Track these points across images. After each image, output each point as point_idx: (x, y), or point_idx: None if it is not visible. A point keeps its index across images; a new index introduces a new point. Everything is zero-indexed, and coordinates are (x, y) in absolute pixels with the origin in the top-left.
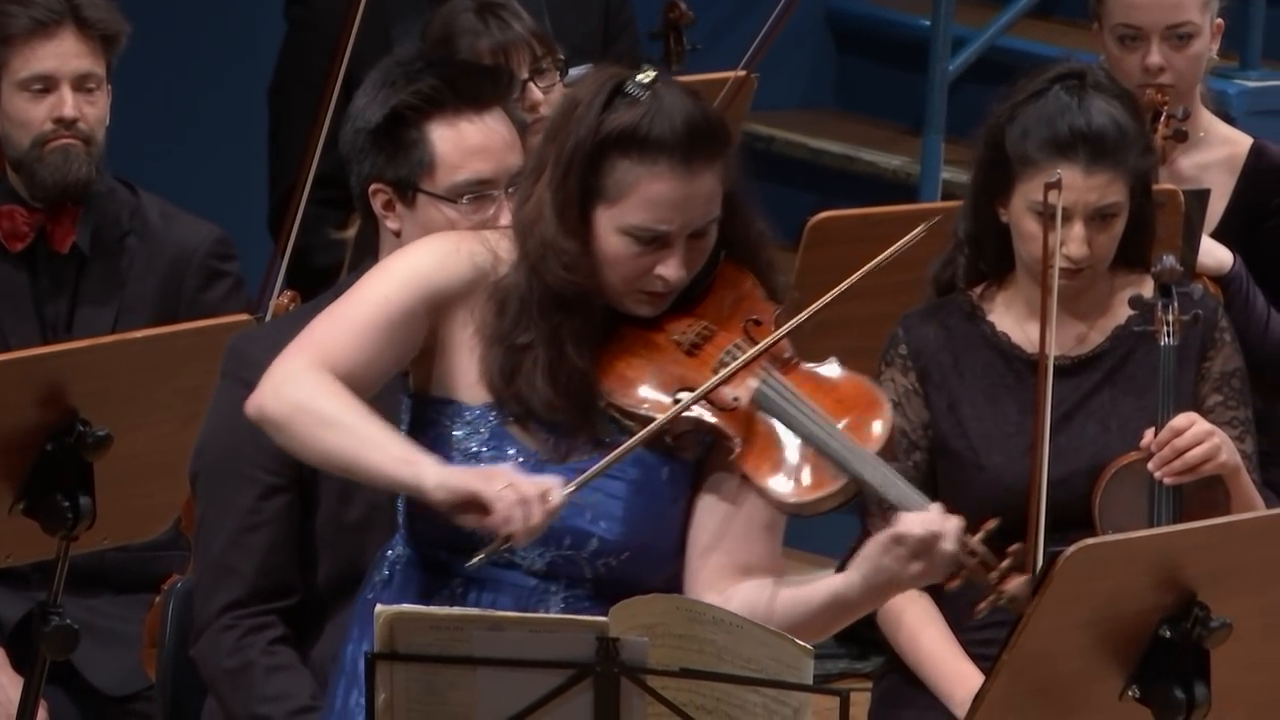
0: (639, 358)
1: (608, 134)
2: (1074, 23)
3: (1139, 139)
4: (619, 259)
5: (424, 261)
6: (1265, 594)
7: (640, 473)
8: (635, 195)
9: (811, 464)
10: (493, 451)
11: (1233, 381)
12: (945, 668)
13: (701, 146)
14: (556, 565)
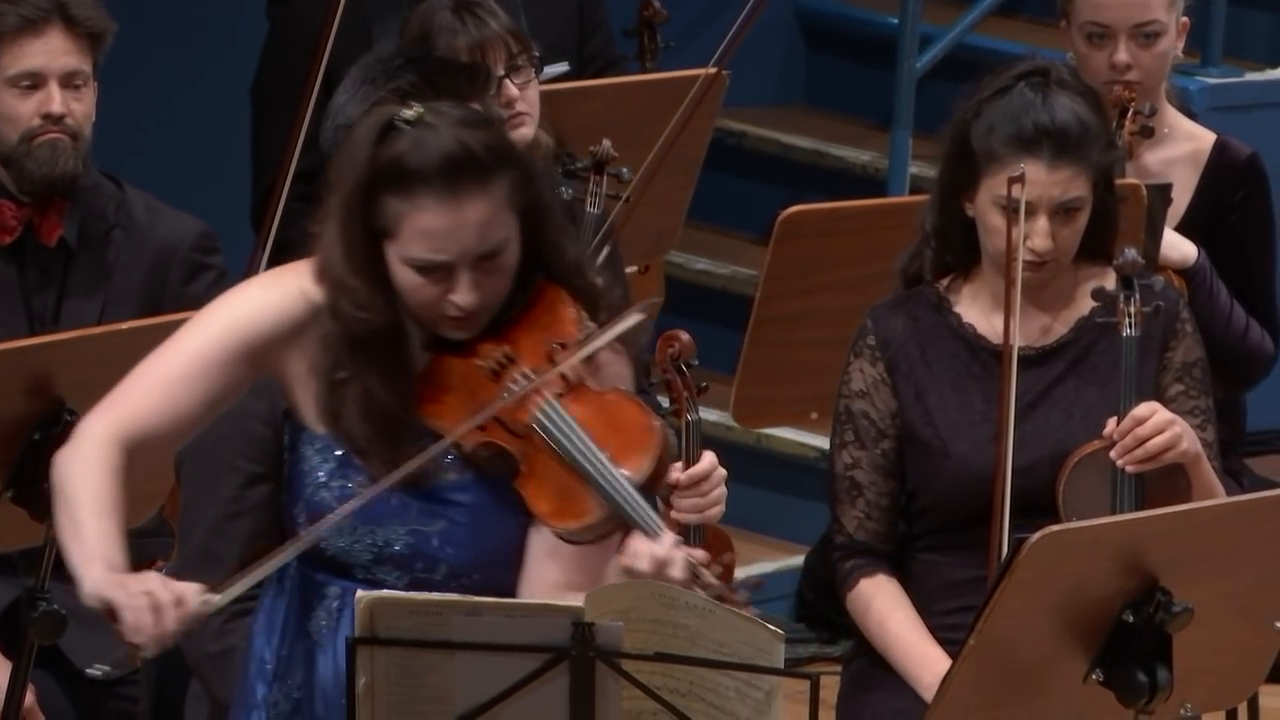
0: (452, 382)
1: (375, 171)
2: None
3: (1102, 134)
4: (411, 289)
5: (241, 309)
6: (1226, 579)
7: (479, 496)
8: (407, 229)
9: (575, 493)
10: (340, 480)
11: (1194, 372)
12: (913, 652)
13: (464, 175)
14: (418, 586)
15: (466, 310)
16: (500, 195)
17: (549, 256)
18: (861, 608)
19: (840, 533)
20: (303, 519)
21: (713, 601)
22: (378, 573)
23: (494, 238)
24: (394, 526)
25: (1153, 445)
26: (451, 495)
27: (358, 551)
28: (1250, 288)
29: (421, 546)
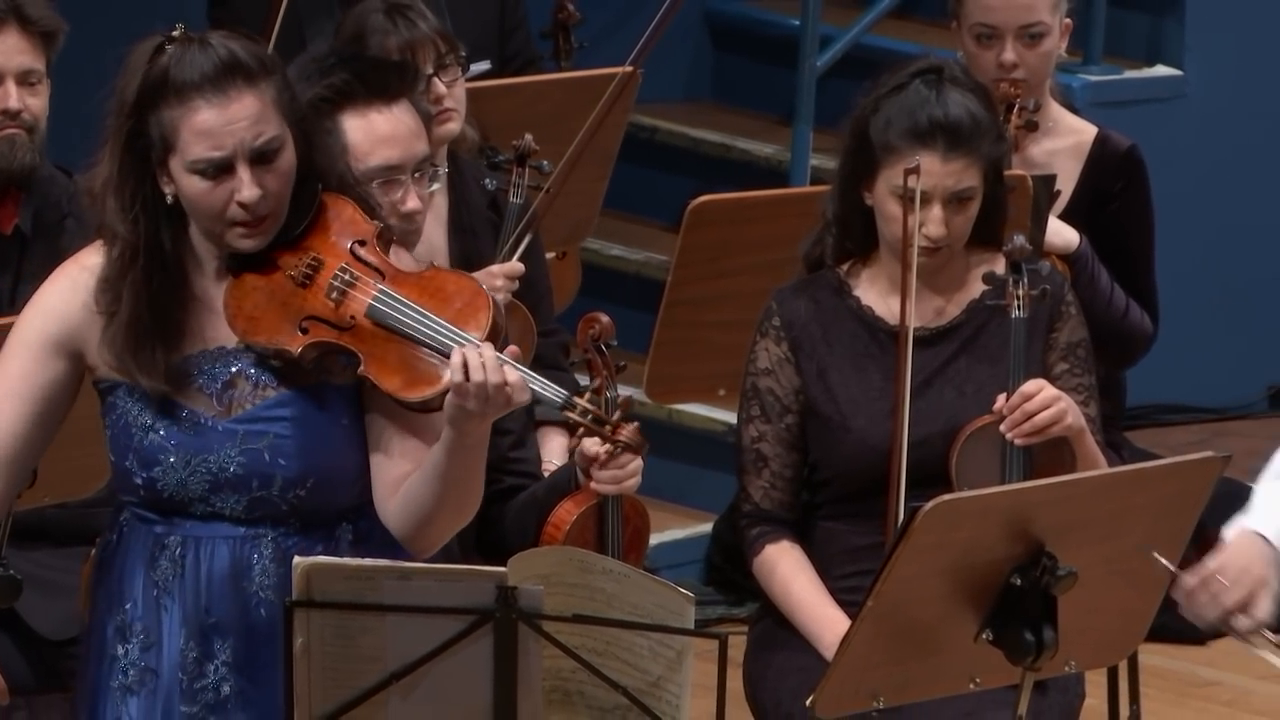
0: (260, 297)
1: (147, 87)
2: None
3: (991, 128)
4: (199, 196)
5: (26, 319)
6: (1107, 545)
7: (299, 408)
8: (185, 133)
9: (428, 362)
10: (164, 419)
11: (1078, 351)
12: (815, 613)
13: (232, 75)
14: (255, 507)
15: (253, 210)
16: (268, 96)
17: (324, 168)
18: (766, 572)
19: (747, 502)
20: (136, 468)
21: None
22: (215, 501)
23: (267, 132)
24: (226, 450)
25: (1039, 420)
26: (273, 412)
27: (194, 484)
28: (1130, 271)
29: (254, 464)
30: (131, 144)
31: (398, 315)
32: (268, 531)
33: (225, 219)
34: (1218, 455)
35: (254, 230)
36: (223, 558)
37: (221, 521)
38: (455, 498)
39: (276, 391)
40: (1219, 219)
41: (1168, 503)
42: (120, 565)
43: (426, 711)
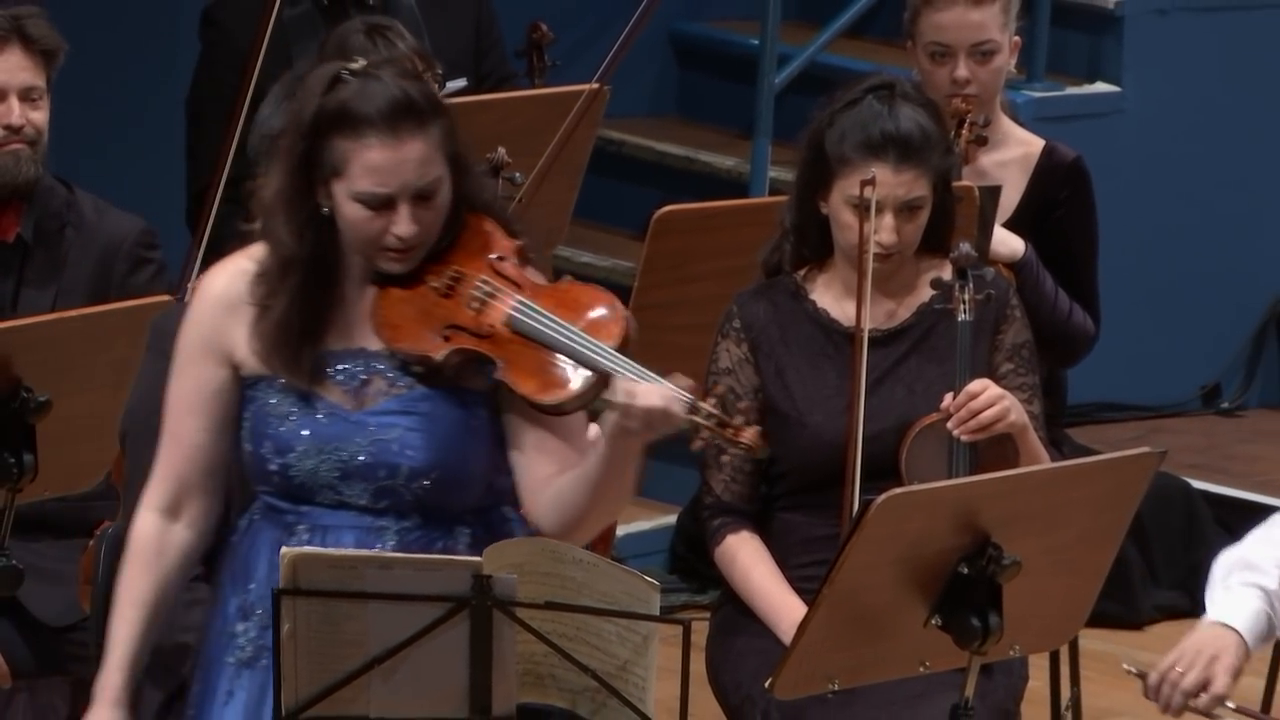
0: (406, 307)
1: (324, 116)
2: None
3: (940, 141)
4: (357, 223)
5: (186, 337)
6: (1049, 536)
7: (430, 406)
8: (355, 166)
9: (562, 368)
10: (302, 409)
11: (1022, 352)
12: (773, 600)
13: (405, 118)
14: (380, 497)
15: (406, 241)
16: (434, 139)
17: (475, 192)
18: (728, 561)
19: (709, 494)
20: (272, 455)
21: (596, 555)
22: (344, 490)
23: (430, 175)
24: (355, 441)
25: (985, 417)
26: (405, 406)
27: (324, 472)
28: (1074, 276)
29: (382, 455)
30: (302, 164)
31: (535, 324)
32: (391, 524)
33: (378, 245)
34: (1153, 451)
35: (404, 257)
36: (348, 545)
37: (348, 510)
38: (608, 501)
39: (410, 389)
40: (1155, 227)
41: (1106, 496)
42: (248, 548)
43: (406, 693)
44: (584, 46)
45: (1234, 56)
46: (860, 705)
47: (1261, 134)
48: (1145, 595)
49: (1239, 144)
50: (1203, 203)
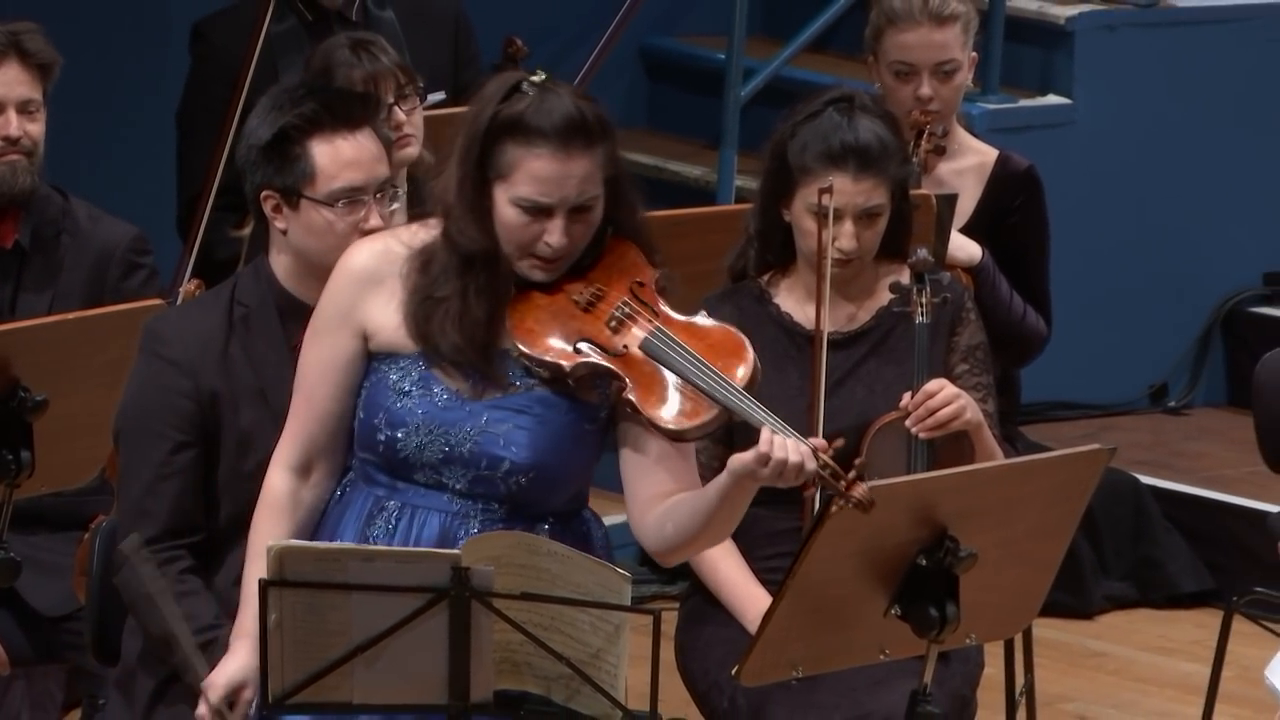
0: (544, 314)
1: (500, 122)
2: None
3: (897, 152)
4: (512, 227)
5: (324, 307)
6: (1004, 529)
7: (543, 409)
8: (521, 172)
9: (689, 397)
10: (421, 389)
11: (977, 353)
12: (740, 591)
13: (576, 136)
14: (477, 485)
15: (556, 251)
16: (599, 159)
17: (626, 216)
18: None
19: None
20: (384, 426)
21: (569, 548)
22: (444, 473)
23: (589, 192)
24: (464, 429)
25: (942, 415)
26: (519, 404)
27: (429, 453)
28: (1028, 281)
29: (488, 446)
30: (478, 165)
31: (669, 351)
32: (478, 511)
33: (529, 251)
34: (1104, 448)
35: (550, 266)
36: (433, 527)
37: (441, 493)
38: (714, 531)
39: (528, 390)
40: (1105, 233)
41: (1059, 491)
42: (337, 517)
43: (388, 680)
44: (557, 60)
45: (1180, 70)
46: (823, 692)
47: (1206, 145)
48: (1095, 586)
49: (1185, 154)
50: (1150, 210)
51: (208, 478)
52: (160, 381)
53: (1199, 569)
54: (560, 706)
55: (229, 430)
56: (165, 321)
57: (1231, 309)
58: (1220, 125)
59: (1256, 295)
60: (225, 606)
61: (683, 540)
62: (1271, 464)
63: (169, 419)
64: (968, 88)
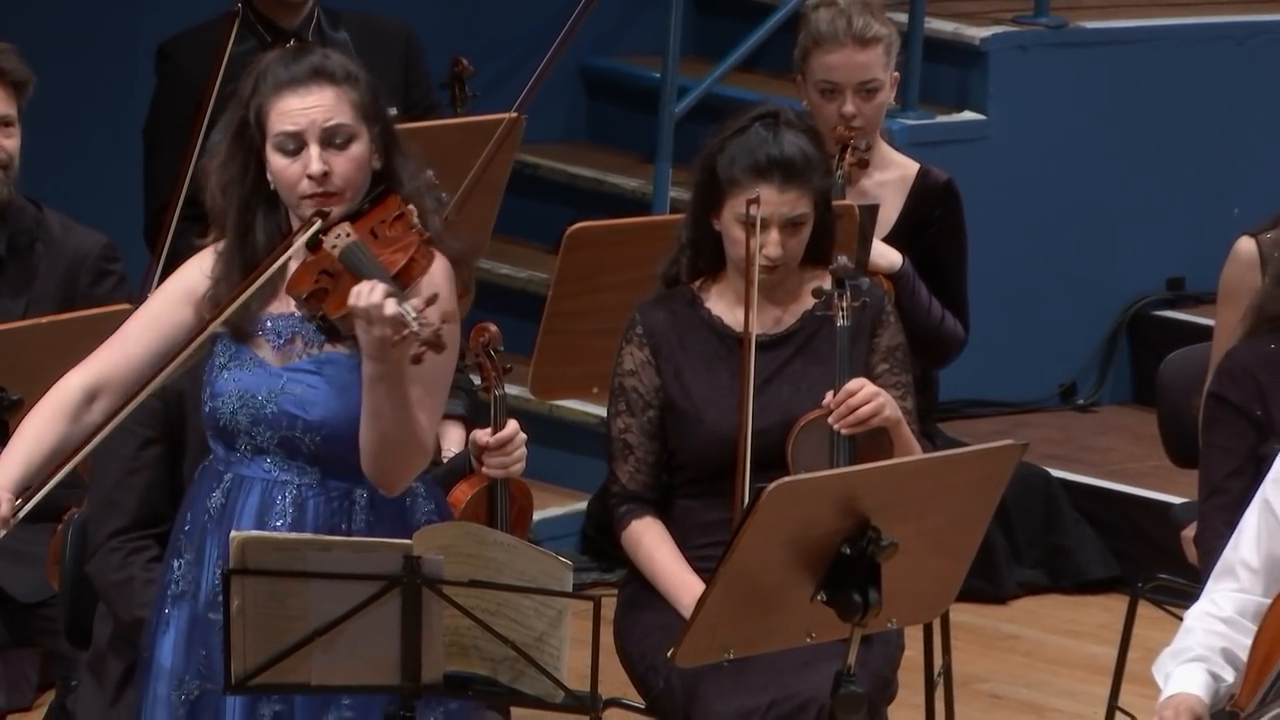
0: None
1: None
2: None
3: (820, 164)
4: (279, 172)
5: (185, 270)
6: (923, 520)
7: (333, 369)
8: (273, 115)
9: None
10: (235, 361)
11: (896, 354)
12: (674, 578)
13: (316, 76)
14: (284, 445)
15: (317, 177)
16: (346, 97)
17: (398, 176)
18: (633, 543)
19: (615, 484)
20: (207, 398)
21: (514, 538)
22: (256, 435)
23: (334, 120)
24: (268, 391)
25: (862, 413)
26: (311, 366)
27: (241, 417)
28: (946, 286)
29: (286, 406)
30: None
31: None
32: (292, 475)
33: (298, 192)
34: (1016, 443)
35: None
36: (254, 496)
37: (263, 459)
38: (396, 436)
39: (321, 351)
40: (1018, 241)
41: (974, 484)
42: (192, 497)
43: (344, 663)
44: (502, 79)
45: (1086, 87)
46: (753, 673)
47: (1112, 157)
48: (1009, 573)
49: (1092, 166)
50: (1061, 220)
51: (173, 472)
52: None
53: (1106, 557)
54: (506, 687)
55: (193, 428)
56: None
57: (1136, 312)
58: (1125, 139)
59: (1160, 299)
60: None
61: (371, 451)
62: (1174, 459)
63: (137, 417)
64: (889, 105)
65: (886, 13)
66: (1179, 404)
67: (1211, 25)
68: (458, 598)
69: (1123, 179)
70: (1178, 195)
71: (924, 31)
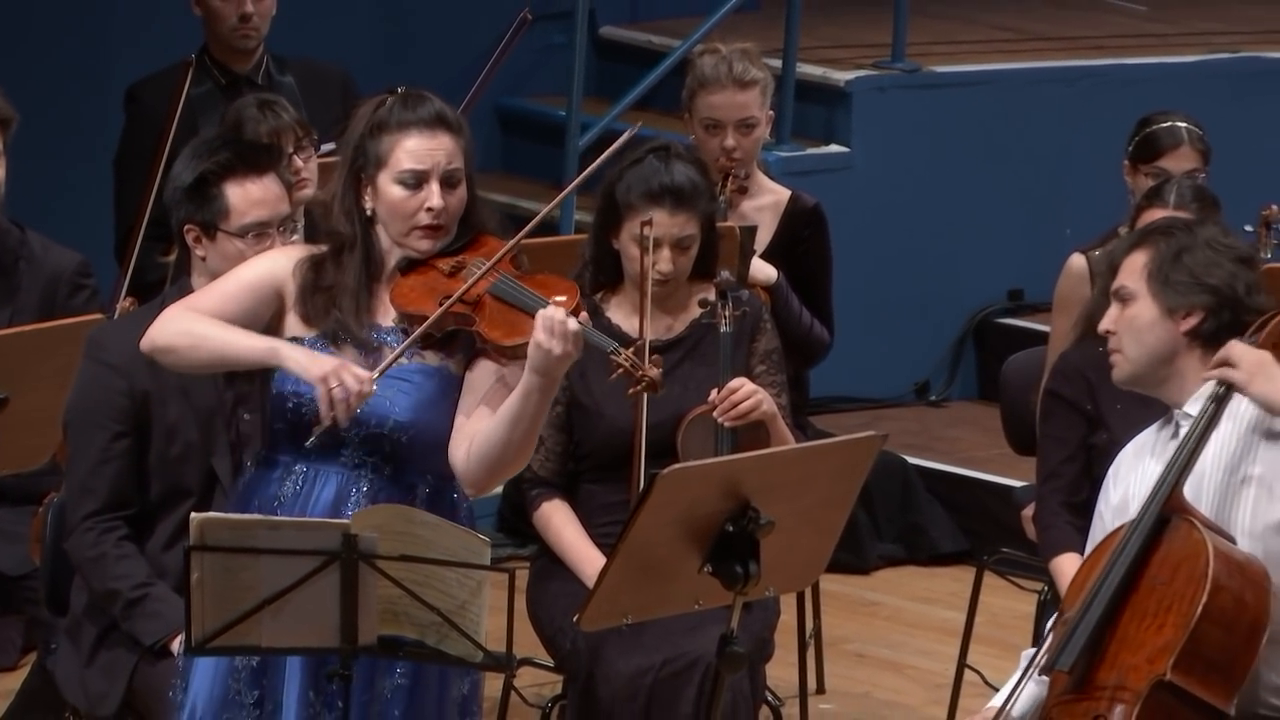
0: (417, 283)
1: (374, 124)
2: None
3: (706, 191)
4: (397, 202)
5: (268, 259)
6: (796, 501)
7: (422, 378)
8: (398, 152)
9: (521, 321)
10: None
11: (773, 356)
12: (579, 553)
13: (439, 122)
14: (367, 441)
15: (436, 215)
16: (462, 145)
17: (482, 217)
18: (543, 522)
19: (528, 471)
20: (290, 394)
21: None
22: (344, 430)
23: (455, 162)
24: None
25: (743, 408)
26: (402, 374)
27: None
28: (815, 297)
29: (376, 406)
30: (354, 165)
31: (511, 289)
32: (367, 470)
33: (413, 223)
34: (877, 434)
35: (432, 234)
36: (330, 487)
37: (338, 453)
38: (520, 442)
39: (410, 360)
40: (878, 257)
41: (841, 469)
42: (251, 485)
43: (290, 628)
44: None
45: (937, 124)
46: (648, 635)
47: (960, 184)
48: (871, 547)
49: (943, 192)
50: (915, 239)
51: (140, 462)
52: (101, 382)
53: (956, 533)
54: (432, 648)
55: (158, 423)
56: (105, 332)
57: (981, 320)
58: (971, 168)
59: (1002, 308)
60: (156, 568)
61: (494, 456)
62: (1015, 447)
63: (108, 413)
64: (765, 139)
65: (763, 59)
66: (1019, 400)
67: (1045, 69)
68: (390, 570)
69: (969, 203)
70: (1017, 217)
71: (796, 75)
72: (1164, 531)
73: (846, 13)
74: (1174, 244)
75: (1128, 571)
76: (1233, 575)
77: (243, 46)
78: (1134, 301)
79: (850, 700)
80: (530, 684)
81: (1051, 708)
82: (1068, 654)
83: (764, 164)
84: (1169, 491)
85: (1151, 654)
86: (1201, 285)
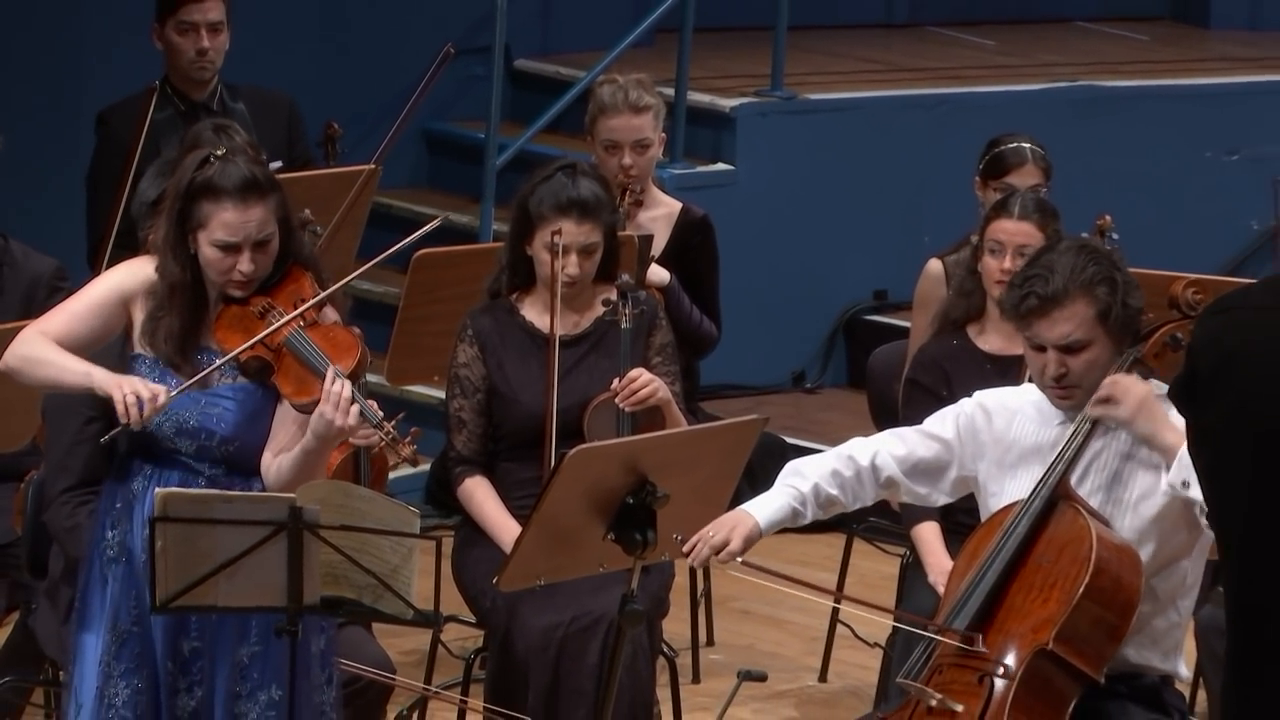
0: (235, 321)
1: (195, 186)
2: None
3: (609, 204)
4: (212, 262)
5: (117, 275)
6: (689, 476)
7: (245, 395)
8: (214, 222)
9: (309, 381)
10: (159, 379)
11: (667, 349)
12: (498, 523)
13: (251, 191)
14: (201, 453)
15: (248, 276)
16: (271, 206)
17: (295, 250)
18: (466, 496)
19: (453, 450)
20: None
21: (374, 492)
22: (177, 443)
23: (265, 231)
24: (190, 409)
25: (642, 394)
26: (227, 393)
27: (166, 427)
28: (704, 297)
29: (205, 422)
30: (179, 220)
31: (300, 347)
32: (205, 475)
33: (227, 279)
34: (758, 418)
35: (244, 286)
36: (174, 480)
37: (178, 456)
38: (305, 480)
39: (233, 381)
40: (759, 261)
41: (727, 449)
42: (114, 485)
43: (243, 589)
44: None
45: (812, 144)
46: (559, 596)
47: (832, 197)
48: None
49: (816, 204)
50: (792, 245)
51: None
52: None
53: None
54: (369, 607)
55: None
56: None
57: (850, 316)
58: (842, 184)
59: (868, 306)
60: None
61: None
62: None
63: (82, 400)
64: (659, 158)
65: (656, 87)
66: (884, 388)
67: (908, 96)
68: (331, 538)
69: (840, 214)
70: (882, 226)
71: (686, 102)
72: (1051, 514)
73: (731, 46)
74: (1116, 292)
75: (1018, 548)
76: (1112, 559)
77: (199, 77)
78: (1090, 347)
79: (736, 651)
80: (455, 638)
81: (942, 660)
82: (964, 616)
83: (658, 180)
84: (1057, 481)
85: (1036, 624)
86: (1136, 313)
